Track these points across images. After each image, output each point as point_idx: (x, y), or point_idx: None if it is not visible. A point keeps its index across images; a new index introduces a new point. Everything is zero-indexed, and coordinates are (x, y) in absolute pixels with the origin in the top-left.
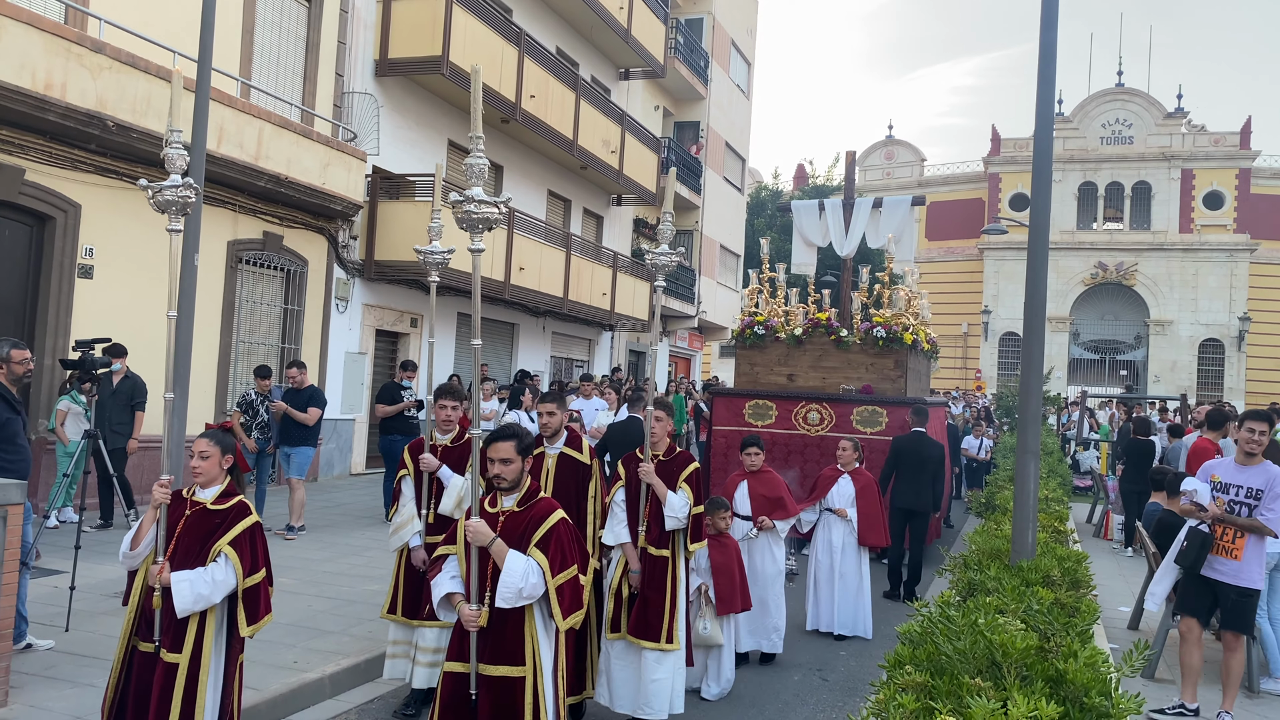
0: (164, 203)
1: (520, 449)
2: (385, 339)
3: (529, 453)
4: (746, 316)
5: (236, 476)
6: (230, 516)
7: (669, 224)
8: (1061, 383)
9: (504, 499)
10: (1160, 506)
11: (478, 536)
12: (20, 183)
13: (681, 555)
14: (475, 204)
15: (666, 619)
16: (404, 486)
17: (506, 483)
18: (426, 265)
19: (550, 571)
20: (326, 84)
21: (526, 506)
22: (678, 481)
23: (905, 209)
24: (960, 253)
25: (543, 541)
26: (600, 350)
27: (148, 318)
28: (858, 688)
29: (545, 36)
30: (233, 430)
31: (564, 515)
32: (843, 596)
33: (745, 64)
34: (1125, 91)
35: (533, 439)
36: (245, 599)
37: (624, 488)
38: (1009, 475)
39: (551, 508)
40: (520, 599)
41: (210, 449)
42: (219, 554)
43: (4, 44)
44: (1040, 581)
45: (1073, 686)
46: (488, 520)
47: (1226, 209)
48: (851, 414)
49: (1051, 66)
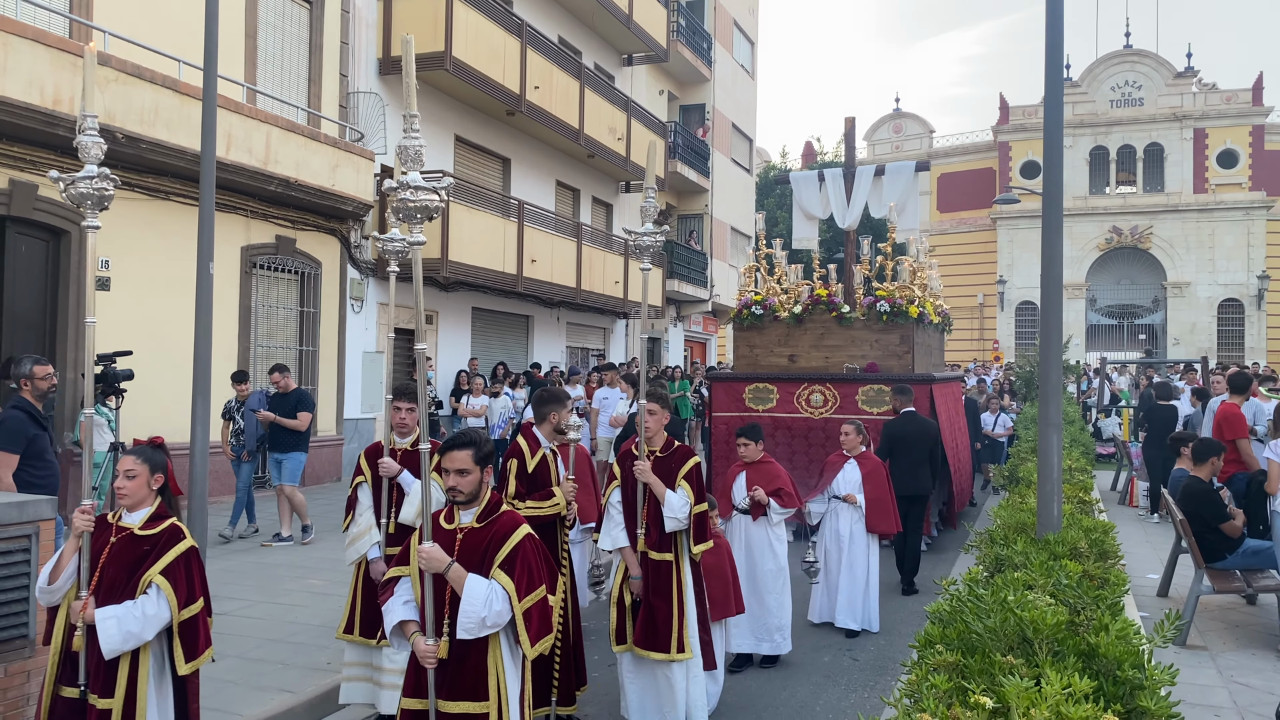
0: (78, 196)
1: (478, 458)
2: (402, 336)
3: (489, 461)
4: (744, 296)
5: (168, 498)
6: (161, 542)
7: (652, 200)
8: (1080, 350)
9: (461, 514)
10: (1186, 473)
11: (432, 563)
12: (34, 198)
13: (686, 558)
14: (411, 191)
15: (676, 627)
16: (360, 494)
17: (463, 496)
18: (385, 256)
19: (516, 595)
20: (331, 85)
21: (488, 522)
22: (677, 479)
23: (909, 175)
24: (973, 223)
25: (507, 562)
26: (615, 339)
27: (167, 328)
28: (888, 667)
29: (547, 26)
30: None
31: (529, 530)
32: (851, 588)
33: (748, 43)
34: (1134, 53)
35: (491, 447)
36: (182, 633)
37: (620, 488)
38: (1031, 447)
39: (515, 523)
40: (484, 629)
41: (137, 467)
42: (149, 585)
43: (11, 61)
44: (1067, 554)
45: (1105, 660)
46: (444, 538)
47: (1241, 167)
48: (856, 394)
49: (1059, 30)
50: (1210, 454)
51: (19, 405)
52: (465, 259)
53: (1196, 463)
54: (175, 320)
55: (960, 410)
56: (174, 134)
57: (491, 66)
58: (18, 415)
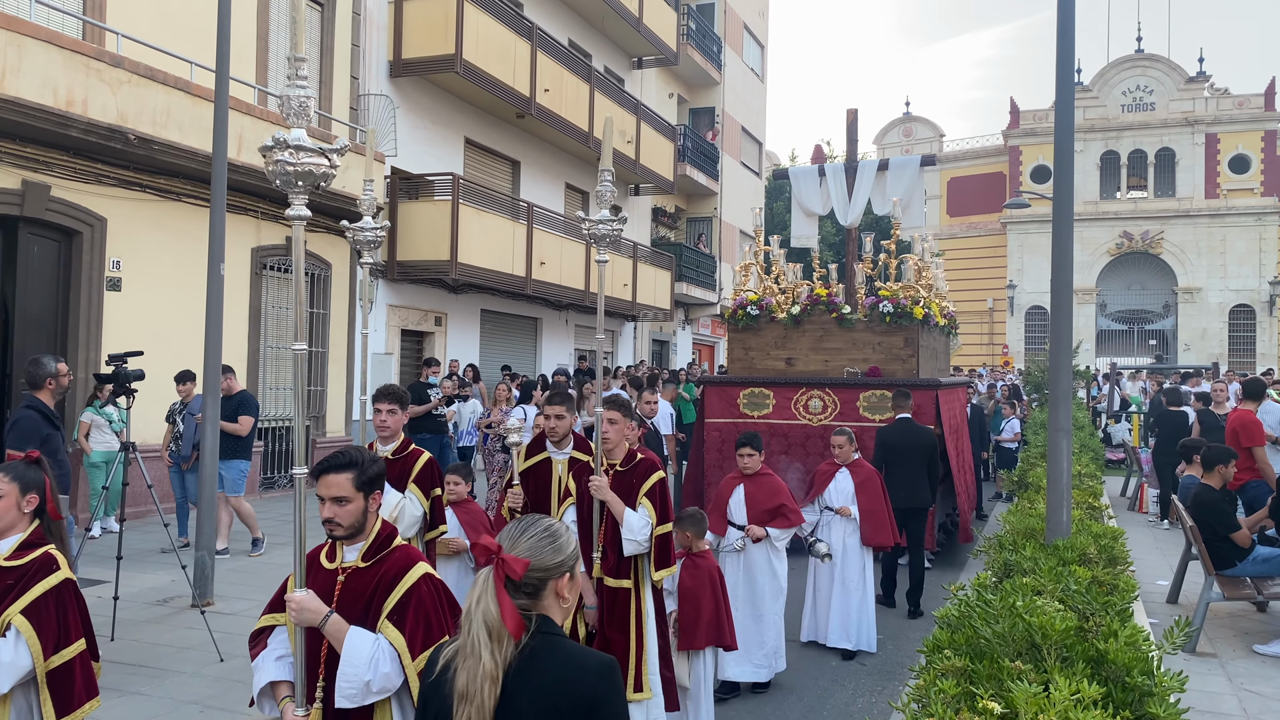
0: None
1: (361, 482)
2: (410, 338)
3: (375, 486)
4: (739, 295)
5: (46, 522)
6: (28, 575)
7: (608, 183)
8: (1090, 355)
9: (345, 550)
10: (1196, 480)
11: (303, 614)
12: (47, 199)
13: (647, 585)
14: (290, 151)
15: (633, 664)
16: None
17: (342, 530)
18: (357, 245)
19: (410, 652)
20: (342, 87)
21: (376, 560)
22: (638, 496)
23: (913, 170)
24: (983, 227)
25: (397, 611)
26: (623, 341)
27: (177, 328)
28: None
29: (557, 29)
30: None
31: (427, 570)
32: (844, 605)
33: (758, 47)
34: (1145, 57)
35: (380, 468)
36: (52, 683)
37: (575, 506)
38: (1041, 452)
39: (409, 561)
40: (369, 695)
41: (6, 487)
42: (7, 626)
43: (25, 62)
44: (1077, 560)
45: (1114, 666)
46: (322, 580)
47: (1253, 172)
48: (857, 400)
49: (1070, 35)
50: (1219, 461)
51: (32, 405)
52: (474, 261)
53: (1206, 470)
54: (185, 321)
55: (964, 418)
56: (186, 135)
57: (502, 69)
58: (31, 415)
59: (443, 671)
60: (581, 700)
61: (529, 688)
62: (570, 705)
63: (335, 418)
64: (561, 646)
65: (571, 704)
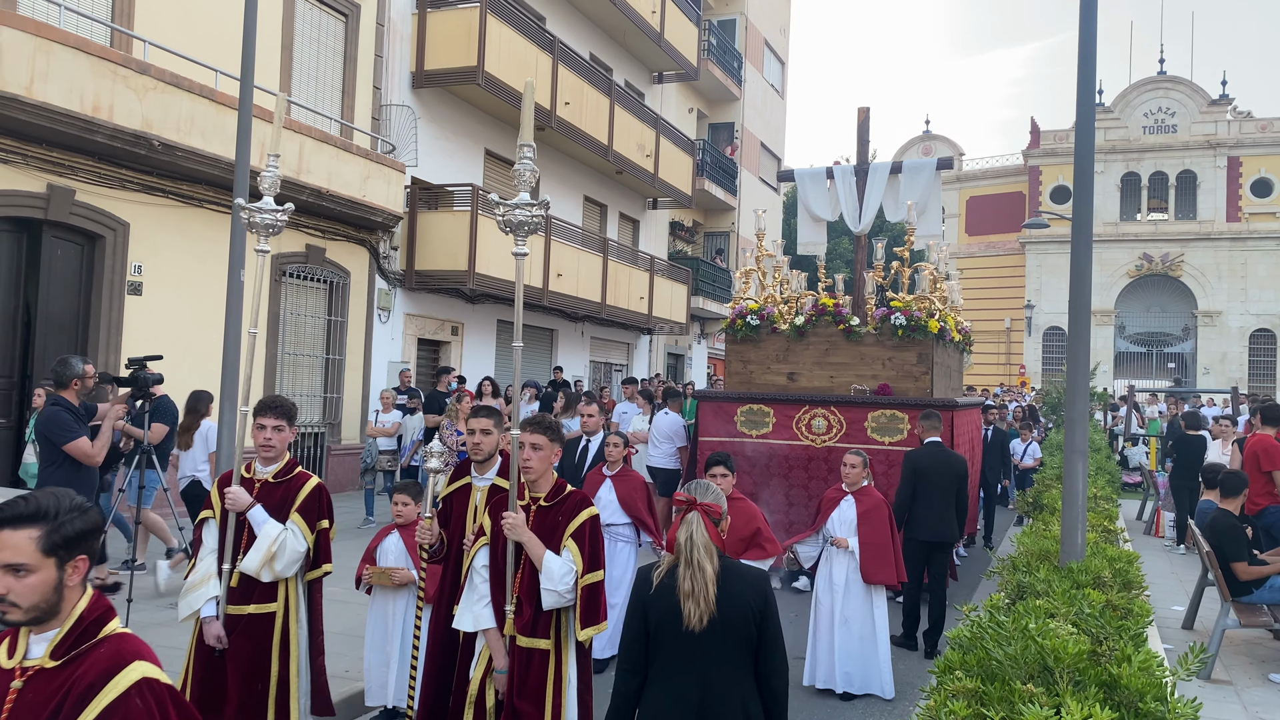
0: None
1: (51, 543)
2: (427, 347)
3: (77, 550)
4: (739, 304)
5: None
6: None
7: (529, 161)
8: (1108, 377)
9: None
10: (1214, 505)
11: None
12: (71, 203)
13: (570, 646)
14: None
15: None
16: (205, 533)
17: (19, 612)
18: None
19: None
20: (365, 97)
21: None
22: (562, 538)
23: (929, 173)
24: (1001, 247)
25: None
26: (639, 354)
27: (197, 333)
28: (906, 692)
29: (579, 43)
30: None
31: (147, 672)
32: (846, 645)
33: (779, 63)
34: (1167, 79)
35: (91, 522)
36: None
37: (488, 547)
38: (1056, 474)
39: (119, 659)
40: None
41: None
42: None
43: (53, 68)
44: (1091, 583)
45: (1127, 692)
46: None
47: (1275, 196)
48: (865, 420)
49: (1091, 55)
50: (1242, 487)
51: (57, 403)
52: (491, 271)
53: (1225, 496)
54: (205, 326)
55: (978, 442)
56: (209, 142)
57: (523, 82)
58: (60, 411)
59: (664, 582)
60: (760, 595)
61: (729, 586)
62: (754, 597)
63: (350, 425)
64: (737, 564)
65: (754, 597)
